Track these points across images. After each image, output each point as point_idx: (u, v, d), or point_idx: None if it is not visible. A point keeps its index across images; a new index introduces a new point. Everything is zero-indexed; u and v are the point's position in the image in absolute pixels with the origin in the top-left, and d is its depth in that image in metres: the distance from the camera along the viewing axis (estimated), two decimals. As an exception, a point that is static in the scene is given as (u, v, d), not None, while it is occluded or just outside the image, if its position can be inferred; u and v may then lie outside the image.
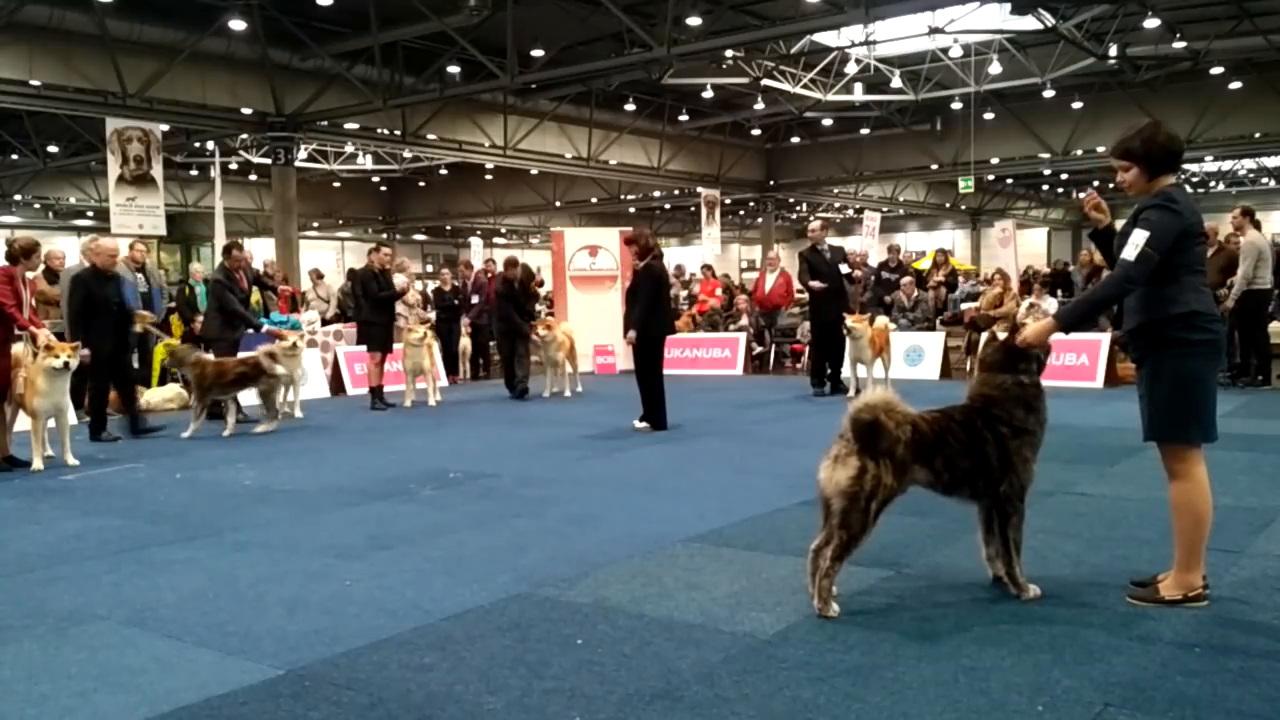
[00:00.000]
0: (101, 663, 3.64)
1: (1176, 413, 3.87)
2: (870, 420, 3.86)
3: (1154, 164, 3.92)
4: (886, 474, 3.85)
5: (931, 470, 3.99)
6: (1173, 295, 3.82)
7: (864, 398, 4.01)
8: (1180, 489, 3.91)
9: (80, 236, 24.57)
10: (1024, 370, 4.08)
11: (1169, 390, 3.86)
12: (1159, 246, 3.77)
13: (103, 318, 9.32)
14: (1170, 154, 3.95)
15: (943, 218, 47.28)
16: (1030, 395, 4.08)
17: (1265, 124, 24.39)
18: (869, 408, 3.90)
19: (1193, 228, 3.85)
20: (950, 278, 18.17)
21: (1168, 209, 3.80)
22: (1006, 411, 4.04)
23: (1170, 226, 3.78)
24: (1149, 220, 3.81)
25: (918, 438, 3.94)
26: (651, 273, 9.49)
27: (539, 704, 3.18)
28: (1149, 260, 3.77)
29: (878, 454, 3.85)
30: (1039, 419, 4.10)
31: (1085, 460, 7.20)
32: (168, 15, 18.17)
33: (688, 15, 17.89)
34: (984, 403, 4.09)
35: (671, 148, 29.92)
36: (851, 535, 3.85)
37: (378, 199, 41.50)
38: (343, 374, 14.05)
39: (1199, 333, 3.83)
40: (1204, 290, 3.91)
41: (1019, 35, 20.44)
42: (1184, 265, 3.82)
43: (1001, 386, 4.08)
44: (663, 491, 6.58)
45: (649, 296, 9.40)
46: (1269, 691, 3.15)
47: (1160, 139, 3.93)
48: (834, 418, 4.11)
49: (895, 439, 3.88)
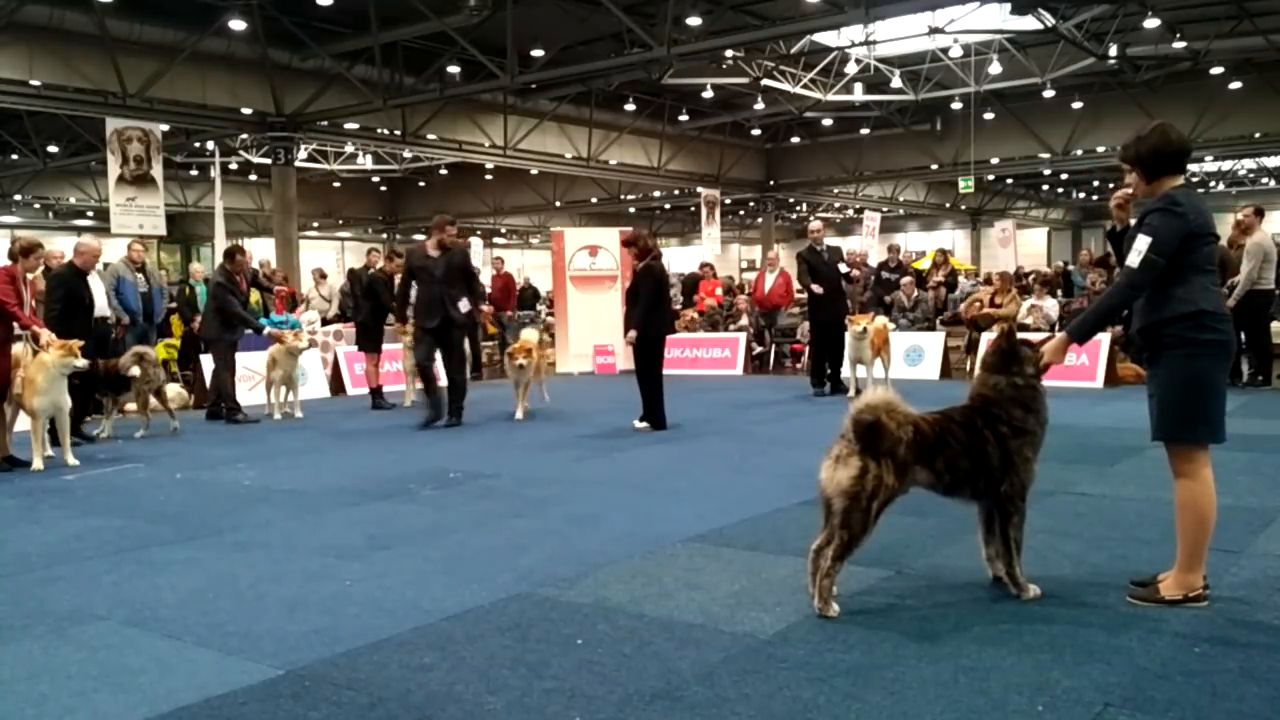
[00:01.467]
0: (101, 663, 3.64)
1: (1184, 413, 3.87)
2: (872, 421, 3.85)
3: (1150, 167, 3.93)
4: (888, 474, 3.85)
5: (933, 471, 3.99)
6: (1181, 295, 3.82)
7: (865, 398, 4.00)
8: (1186, 489, 3.91)
9: (80, 237, 24.63)
10: (1018, 372, 4.09)
11: (1177, 390, 3.86)
12: (1162, 251, 3.77)
13: (80, 317, 9.40)
14: (1168, 156, 3.93)
15: (943, 218, 47.29)
16: (1027, 396, 4.08)
17: (1265, 124, 24.39)
18: (870, 408, 3.89)
19: (1199, 229, 3.83)
20: (950, 278, 18.17)
21: (1170, 212, 3.81)
22: (1005, 411, 4.04)
23: (1173, 230, 3.78)
24: (1151, 225, 3.82)
25: (919, 438, 3.94)
26: (652, 273, 9.51)
27: (539, 704, 3.18)
28: (1153, 266, 3.78)
29: (879, 454, 3.85)
30: (1039, 419, 4.10)
31: (1085, 460, 7.19)
32: (168, 15, 18.18)
33: (688, 15, 17.90)
34: (983, 403, 4.10)
35: (671, 148, 29.93)
36: (852, 535, 3.85)
37: (378, 199, 41.51)
38: (343, 374, 14.05)
39: (1207, 332, 3.82)
40: (1213, 290, 3.91)
41: (1019, 35, 20.45)
42: (1192, 266, 3.82)
43: (997, 387, 4.09)
44: (663, 491, 6.58)
45: (649, 297, 9.41)
46: (1269, 691, 3.15)
47: (1155, 141, 3.93)
48: (834, 418, 4.11)
49: (897, 439, 3.88)
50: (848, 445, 3.89)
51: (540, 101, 25.43)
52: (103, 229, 21.40)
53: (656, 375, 9.53)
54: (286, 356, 11.15)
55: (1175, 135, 3.98)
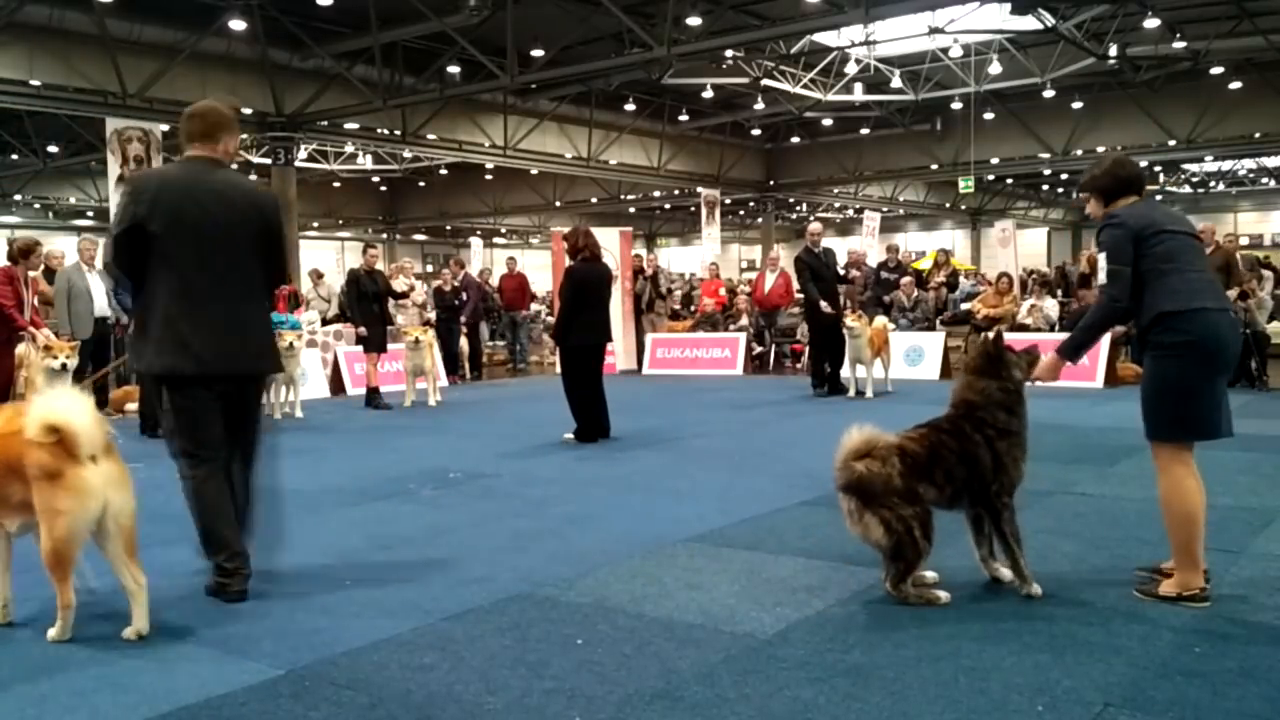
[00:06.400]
0: (101, 663, 3.64)
1: (1151, 412, 4.04)
2: (852, 481, 4.00)
3: (1105, 192, 4.20)
4: (903, 508, 3.96)
5: (935, 485, 4.08)
6: (1146, 302, 4.00)
7: (844, 446, 4.07)
8: (1161, 485, 4.05)
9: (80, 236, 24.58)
10: (1006, 377, 4.18)
11: (1147, 391, 4.06)
12: (1118, 259, 3.99)
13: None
14: (1118, 180, 4.19)
15: (943, 218, 47.28)
16: (1012, 400, 4.18)
17: (1265, 124, 24.38)
18: (848, 460, 4.02)
19: (1144, 230, 3.99)
20: (951, 278, 18.18)
21: (1110, 226, 4.07)
22: (991, 415, 4.14)
23: (1119, 239, 4.01)
24: (1102, 242, 4.10)
25: (910, 462, 4.03)
26: (571, 277, 8.69)
27: (539, 704, 3.18)
28: (1118, 274, 3.99)
29: (882, 499, 3.96)
30: (1021, 421, 4.21)
31: (1085, 460, 7.19)
32: (168, 15, 18.18)
33: (688, 15, 17.90)
34: (968, 408, 4.18)
35: (671, 148, 29.92)
36: (908, 562, 4.01)
37: (378, 199, 41.51)
38: (343, 374, 14.05)
39: (1170, 334, 3.94)
40: (1180, 291, 3.94)
41: (1019, 35, 20.44)
42: (1150, 270, 3.98)
43: (984, 392, 4.17)
44: (663, 491, 6.58)
45: (565, 303, 8.66)
46: (1269, 691, 3.15)
47: (1108, 167, 4.23)
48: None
49: (886, 477, 3.98)
50: (850, 501, 4.03)
51: (540, 101, 25.42)
52: (103, 229, 21.38)
53: (580, 389, 8.77)
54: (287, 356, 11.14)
55: (1129, 165, 4.25)
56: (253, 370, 4.62)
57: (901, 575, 4.01)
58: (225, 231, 4.41)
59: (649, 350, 16.73)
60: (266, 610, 4.20)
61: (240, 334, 4.48)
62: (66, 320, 10.61)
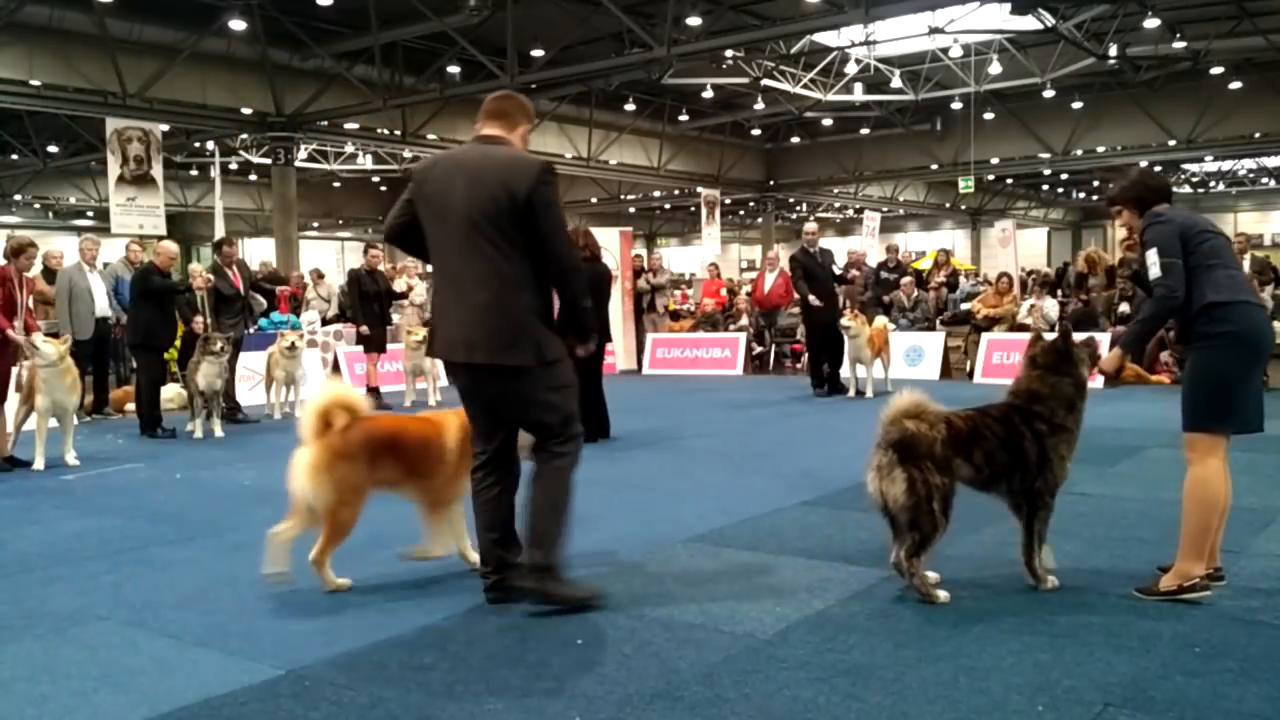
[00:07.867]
0: (101, 663, 3.64)
1: (1194, 403, 4.03)
2: (901, 434, 4.00)
3: (1139, 201, 4.25)
4: (933, 475, 3.98)
5: (971, 464, 4.11)
6: (1194, 294, 4.00)
7: (894, 405, 4.11)
8: (1190, 475, 4.04)
9: (80, 236, 24.64)
10: (1073, 372, 4.22)
11: (1190, 381, 4.07)
12: (1170, 252, 4.00)
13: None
14: (1150, 189, 4.27)
15: (943, 218, 47.29)
16: (1077, 397, 4.22)
17: (1265, 124, 24.41)
18: (899, 417, 4.03)
19: (1189, 229, 4.06)
20: (951, 278, 18.17)
21: (1156, 223, 4.09)
22: (1049, 409, 4.17)
23: (1167, 233, 4.04)
24: (1149, 240, 4.09)
25: (953, 433, 4.07)
26: None
27: (539, 704, 3.18)
28: (1172, 267, 3.99)
29: (919, 459, 3.98)
30: (1077, 419, 4.23)
31: (1085, 460, 7.13)
32: (168, 15, 18.19)
33: (688, 15, 17.91)
34: (1028, 399, 4.21)
35: (671, 148, 29.93)
36: (924, 535, 4.00)
37: (378, 199, 41.44)
38: (343, 374, 14.03)
39: (1217, 324, 3.96)
40: (1225, 284, 4.00)
41: (1019, 35, 20.46)
42: (1197, 265, 4.00)
43: (1054, 385, 4.20)
44: (663, 491, 6.58)
45: None
46: (1269, 691, 3.15)
47: (1136, 178, 4.32)
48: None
49: (931, 440, 4.00)
50: (886, 455, 4.02)
51: (540, 101, 25.38)
52: (103, 229, 21.38)
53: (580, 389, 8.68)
54: (287, 356, 11.13)
55: (1157, 175, 4.38)
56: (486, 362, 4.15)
57: (917, 548, 3.99)
58: (466, 211, 3.95)
59: (649, 350, 16.72)
60: (266, 610, 4.20)
61: (466, 323, 4.04)
62: (67, 320, 10.61)
